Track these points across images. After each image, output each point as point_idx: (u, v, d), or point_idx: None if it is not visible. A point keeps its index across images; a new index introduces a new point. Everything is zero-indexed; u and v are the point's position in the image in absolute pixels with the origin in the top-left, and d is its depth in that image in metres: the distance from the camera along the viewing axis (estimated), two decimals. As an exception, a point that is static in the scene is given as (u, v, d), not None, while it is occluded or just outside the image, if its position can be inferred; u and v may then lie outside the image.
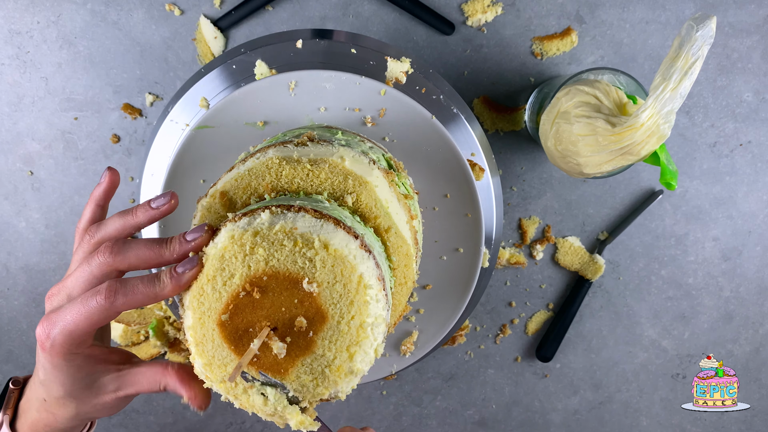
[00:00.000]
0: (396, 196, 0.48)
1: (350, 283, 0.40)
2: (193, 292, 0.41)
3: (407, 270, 0.48)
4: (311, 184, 0.46)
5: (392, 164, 0.52)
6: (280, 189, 0.46)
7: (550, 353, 0.78)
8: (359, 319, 0.40)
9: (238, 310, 0.40)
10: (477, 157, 0.60)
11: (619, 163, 0.56)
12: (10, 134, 0.73)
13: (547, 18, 0.71)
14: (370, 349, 0.41)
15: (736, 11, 0.70)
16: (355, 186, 0.46)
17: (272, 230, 0.40)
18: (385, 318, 0.42)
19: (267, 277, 0.40)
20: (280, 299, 0.40)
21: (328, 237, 0.40)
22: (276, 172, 0.46)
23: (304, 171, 0.46)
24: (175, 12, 0.70)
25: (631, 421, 0.82)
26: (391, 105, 0.56)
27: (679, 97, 0.51)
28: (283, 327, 0.40)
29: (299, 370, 0.41)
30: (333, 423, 0.82)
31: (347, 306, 0.40)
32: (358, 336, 0.40)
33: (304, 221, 0.41)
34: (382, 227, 0.46)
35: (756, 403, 0.82)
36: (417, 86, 0.57)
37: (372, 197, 0.46)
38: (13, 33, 0.71)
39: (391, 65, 0.56)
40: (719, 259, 0.77)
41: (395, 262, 0.47)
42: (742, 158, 0.74)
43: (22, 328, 0.79)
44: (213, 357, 0.41)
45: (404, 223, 0.48)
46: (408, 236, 0.48)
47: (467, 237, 0.59)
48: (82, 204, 0.75)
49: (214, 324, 0.40)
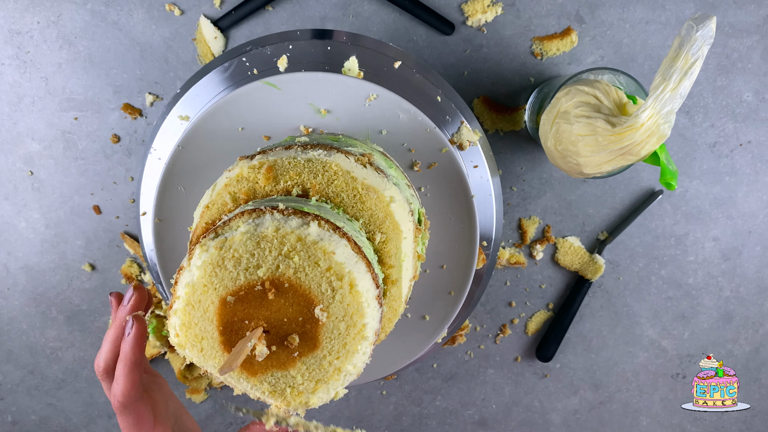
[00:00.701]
0: (413, 254, 0.49)
1: (353, 327, 0.41)
2: (212, 256, 0.40)
3: (388, 324, 0.49)
4: (354, 207, 0.46)
5: (422, 221, 0.52)
6: (324, 194, 0.46)
7: (550, 353, 0.78)
8: (341, 363, 0.41)
9: (245, 299, 0.40)
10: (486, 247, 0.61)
11: (619, 163, 0.56)
12: (10, 134, 0.73)
13: (547, 18, 0.71)
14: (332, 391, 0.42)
15: (736, 11, 0.70)
16: (388, 229, 0.46)
17: (315, 244, 0.40)
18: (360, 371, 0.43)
19: (288, 285, 0.40)
20: (288, 310, 0.40)
21: (358, 278, 0.41)
22: (330, 177, 0.46)
23: (354, 192, 0.46)
24: (175, 12, 0.70)
25: (631, 421, 0.82)
26: (443, 164, 0.56)
27: (679, 97, 0.51)
28: (275, 335, 0.40)
29: (265, 378, 0.41)
30: (333, 423, 0.82)
31: (340, 346, 0.41)
32: (331, 376, 0.41)
33: (345, 251, 0.41)
34: (390, 278, 0.47)
35: (756, 403, 0.82)
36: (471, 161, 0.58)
37: (397, 247, 0.46)
38: (13, 33, 0.71)
39: (464, 131, 0.57)
40: (719, 259, 0.77)
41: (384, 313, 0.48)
42: (742, 158, 0.74)
43: (22, 328, 0.79)
44: (195, 324, 0.41)
45: (407, 280, 0.49)
46: (404, 294, 0.49)
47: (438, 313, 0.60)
48: (82, 204, 0.75)
49: (216, 297, 0.40)
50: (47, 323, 0.78)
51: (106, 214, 0.76)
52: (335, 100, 0.55)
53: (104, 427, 0.82)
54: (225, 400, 0.80)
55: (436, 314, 0.61)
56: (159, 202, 0.57)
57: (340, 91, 0.54)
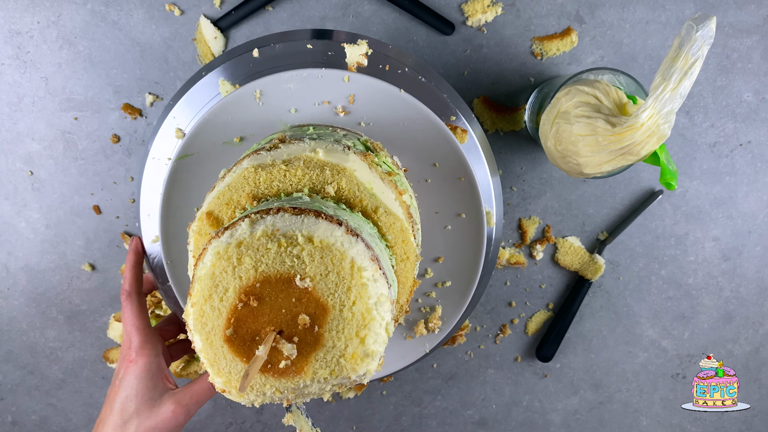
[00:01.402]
0: (379, 176, 0.48)
1: (343, 270, 0.40)
2: (194, 315, 0.41)
3: (405, 245, 0.48)
4: (290, 184, 0.46)
5: (369, 146, 0.52)
6: (260, 196, 0.46)
7: (550, 353, 0.78)
8: (361, 303, 0.40)
9: (240, 322, 0.40)
10: (457, 120, 0.59)
11: (619, 163, 0.56)
12: (10, 134, 0.73)
13: (547, 18, 0.71)
14: (380, 329, 0.41)
15: (736, 11, 0.70)
16: (333, 175, 0.46)
17: (254, 237, 0.40)
18: (388, 296, 0.42)
19: (260, 284, 0.40)
20: (277, 302, 0.40)
21: (311, 230, 0.40)
22: (253, 180, 0.46)
23: (281, 172, 0.46)
24: (175, 12, 0.70)
25: (631, 421, 0.82)
26: (358, 90, 0.55)
27: (679, 97, 0.51)
28: (288, 328, 0.40)
29: (314, 366, 0.41)
30: (333, 423, 0.82)
31: (345, 293, 0.40)
32: (364, 319, 0.40)
33: (284, 220, 0.41)
34: (369, 209, 0.46)
35: (756, 403, 0.82)
36: (380, 65, 0.56)
37: (353, 182, 0.46)
38: (13, 33, 0.71)
39: (349, 51, 0.56)
40: (719, 259, 0.77)
41: (391, 240, 0.47)
42: (742, 158, 0.74)
43: (22, 328, 0.79)
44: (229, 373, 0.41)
45: (392, 200, 0.48)
46: (399, 212, 0.48)
47: (466, 201, 0.58)
48: (82, 204, 0.75)
49: (221, 341, 0.40)
50: (47, 323, 0.78)
51: (106, 214, 0.76)
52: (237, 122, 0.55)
53: (104, 427, 0.82)
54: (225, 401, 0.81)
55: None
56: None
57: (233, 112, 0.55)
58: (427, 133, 0.56)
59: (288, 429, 0.83)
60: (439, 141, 0.56)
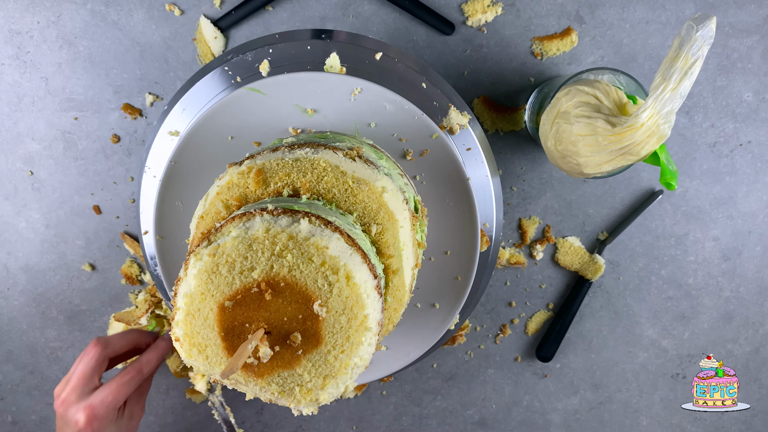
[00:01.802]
0: (412, 242, 0.48)
1: (355, 319, 0.40)
2: (206, 264, 0.40)
3: (395, 314, 0.49)
4: (346, 201, 0.46)
5: (419, 208, 0.52)
6: (316, 191, 0.46)
7: (550, 353, 0.78)
8: (347, 356, 0.41)
9: (243, 302, 0.40)
10: (488, 229, 0.61)
11: (619, 163, 0.56)
12: (10, 134, 0.73)
13: (547, 18, 0.71)
14: (342, 385, 0.42)
15: (736, 11, 0.70)
16: (384, 220, 0.46)
17: (307, 241, 0.40)
18: (367, 363, 0.42)
19: (284, 284, 0.40)
20: (287, 309, 0.40)
21: (353, 270, 0.40)
22: (320, 174, 0.46)
23: (345, 186, 0.45)
24: (175, 12, 0.70)
25: (631, 421, 0.82)
26: (435, 150, 0.56)
27: (679, 97, 0.51)
28: (277, 335, 0.40)
29: (272, 379, 0.41)
30: (333, 423, 0.82)
31: (343, 340, 0.41)
32: (338, 370, 0.41)
33: (338, 245, 0.41)
34: (391, 268, 0.47)
35: (756, 403, 0.82)
36: (464, 144, 0.58)
37: (394, 236, 0.46)
38: (13, 33, 0.71)
39: (452, 114, 0.57)
40: (719, 259, 0.77)
41: (389, 303, 0.48)
42: (742, 158, 0.74)
43: (22, 328, 0.79)
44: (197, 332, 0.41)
45: (410, 269, 0.48)
46: (407, 282, 0.48)
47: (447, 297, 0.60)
48: (82, 204, 0.75)
49: (214, 304, 0.40)
50: (47, 323, 0.78)
51: (106, 214, 0.76)
52: (321, 99, 0.55)
53: (104, 427, 0.82)
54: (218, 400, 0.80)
55: (445, 302, 0.61)
56: (158, 219, 0.57)
57: (324, 89, 0.54)
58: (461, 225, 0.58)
59: (287, 430, 0.83)
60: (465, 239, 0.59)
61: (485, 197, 0.61)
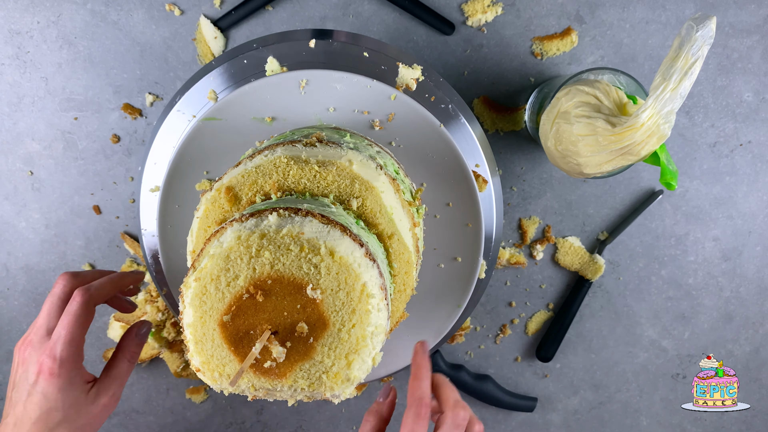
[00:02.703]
0: (400, 203, 0.48)
1: (353, 291, 0.40)
2: (196, 290, 0.41)
3: (407, 277, 0.48)
4: (318, 186, 0.46)
5: (398, 171, 0.52)
6: (286, 188, 0.46)
7: (550, 353, 0.78)
8: (360, 328, 0.40)
9: (240, 311, 0.40)
10: (481, 169, 0.60)
11: (619, 163, 0.56)
12: (10, 134, 0.73)
13: (547, 18, 0.71)
14: (368, 358, 0.41)
15: (736, 11, 0.70)
16: (361, 191, 0.46)
17: (279, 234, 0.40)
18: (385, 327, 0.42)
19: (272, 281, 0.40)
20: (282, 303, 0.40)
21: (335, 244, 0.40)
22: (284, 171, 0.46)
23: (312, 172, 0.46)
24: (175, 12, 0.70)
25: (631, 421, 0.82)
26: (400, 110, 0.56)
27: (679, 97, 0.51)
28: (284, 331, 0.40)
29: (297, 374, 0.41)
30: (333, 422, 0.82)
31: (349, 314, 0.40)
32: (357, 344, 0.40)
33: (312, 226, 0.41)
34: (385, 234, 0.46)
35: (756, 403, 0.82)
36: (426, 94, 0.57)
37: (377, 203, 0.46)
38: (13, 33, 0.71)
39: (402, 71, 0.56)
40: (719, 259, 0.77)
41: (396, 269, 0.47)
42: (742, 158, 0.74)
43: (22, 328, 0.79)
44: (212, 356, 0.41)
45: (407, 230, 0.48)
46: (410, 243, 0.48)
47: (466, 247, 0.59)
48: (82, 204, 0.75)
49: (215, 324, 0.40)
50: (47, 323, 0.78)
51: (106, 214, 0.76)
52: (274, 103, 0.55)
53: (105, 428, 0.82)
54: (224, 401, 0.80)
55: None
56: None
57: (272, 92, 0.55)
58: (451, 173, 0.57)
59: (287, 430, 0.83)
60: (460, 184, 0.57)
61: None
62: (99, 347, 0.79)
